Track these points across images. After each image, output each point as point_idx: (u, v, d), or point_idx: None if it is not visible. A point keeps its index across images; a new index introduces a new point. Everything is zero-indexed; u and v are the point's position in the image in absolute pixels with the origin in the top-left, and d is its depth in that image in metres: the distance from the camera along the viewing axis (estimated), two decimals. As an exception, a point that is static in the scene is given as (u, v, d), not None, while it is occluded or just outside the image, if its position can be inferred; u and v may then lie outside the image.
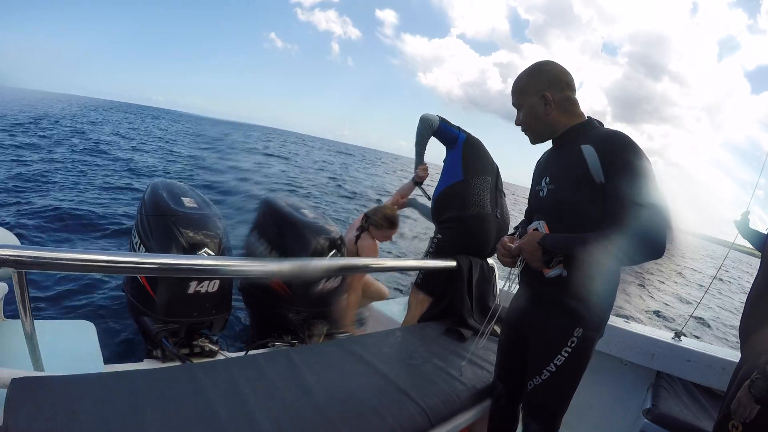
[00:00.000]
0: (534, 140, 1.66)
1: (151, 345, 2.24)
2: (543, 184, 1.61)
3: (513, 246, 1.57)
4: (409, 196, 3.43)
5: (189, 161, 15.71)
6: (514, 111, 1.67)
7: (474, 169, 2.74)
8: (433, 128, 2.79)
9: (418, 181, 3.21)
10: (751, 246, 2.43)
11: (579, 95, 1.59)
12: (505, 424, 1.91)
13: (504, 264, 1.67)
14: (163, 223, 2.19)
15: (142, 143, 19.47)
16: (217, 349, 2.29)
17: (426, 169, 3.11)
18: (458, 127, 2.86)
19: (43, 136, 15.74)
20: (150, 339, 2.21)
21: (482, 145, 2.86)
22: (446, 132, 2.81)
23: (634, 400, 2.59)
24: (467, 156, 2.77)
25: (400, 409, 1.55)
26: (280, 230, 2.59)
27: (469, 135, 2.84)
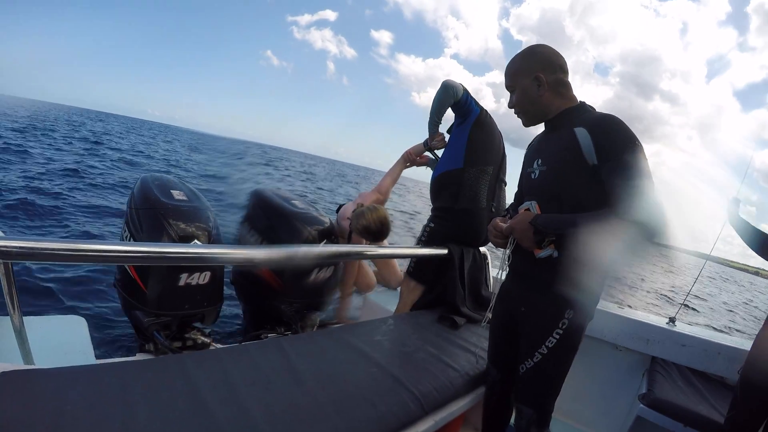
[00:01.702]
0: (527, 122, 1.65)
1: (143, 339, 2.23)
2: (535, 166, 1.60)
3: (505, 226, 1.56)
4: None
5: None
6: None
7: (476, 158, 2.64)
8: (456, 97, 2.57)
9: (431, 147, 2.97)
10: (740, 239, 2.38)
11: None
12: (500, 410, 1.91)
13: (495, 245, 1.67)
14: (152, 215, 2.17)
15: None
16: (209, 341, 2.28)
17: (443, 140, 2.87)
18: (476, 101, 2.68)
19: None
20: (142, 333, 2.20)
21: (492, 126, 2.71)
22: (466, 104, 2.62)
23: (629, 386, 2.60)
24: (473, 140, 2.63)
25: (393, 396, 1.54)
26: (270, 221, 2.57)
27: (482, 112, 2.66)
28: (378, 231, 2.62)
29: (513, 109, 1.66)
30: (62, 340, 1.89)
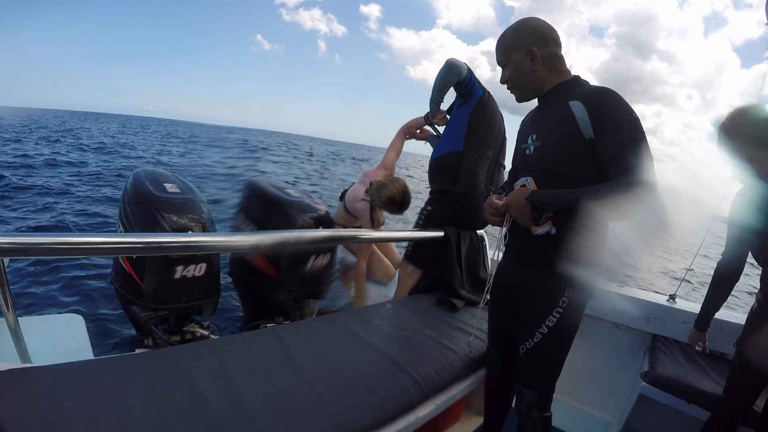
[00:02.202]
0: (521, 98, 1.62)
1: (141, 334, 2.24)
2: (529, 141, 1.57)
3: (501, 203, 1.51)
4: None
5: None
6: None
7: (476, 141, 2.59)
8: (460, 77, 2.51)
9: (432, 123, 2.91)
10: None
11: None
12: (501, 392, 1.89)
13: (491, 223, 1.62)
14: (145, 209, 2.16)
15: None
16: (208, 333, 2.27)
17: (445, 118, 2.81)
18: (479, 81, 2.62)
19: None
20: (140, 328, 2.20)
21: (494, 109, 2.65)
22: (469, 84, 2.56)
23: (631, 364, 2.60)
24: (474, 123, 2.58)
25: (393, 381, 1.53)
26: (265, 211, 2.57)
27: (484, 95, 2.60)
28: (402, 200, 2.78)
29: (506, 85, 1.62)
30: (60, 339, 1.88)
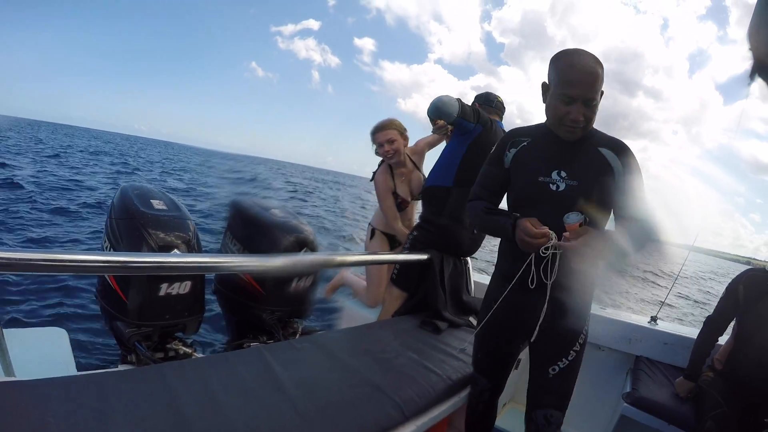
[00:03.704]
0: (578, 136, 1.54)
1: (125, 350, 2.21)
2: (555, 176, 1.54)
3: (568, 244, 1.37)
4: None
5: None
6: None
7: (467, 177, 2.39)
8: (447, 120, 2.49)
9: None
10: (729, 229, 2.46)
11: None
12: (486, 417, 1.91)
13: (530, 249, 1.48)
14: (132, 225, 2.16)
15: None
16: (191, 351, 2.26)
17: (445, 126, 2.73)
18: (477, 114, 2.49)
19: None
20: (123, 344, 2.18)
21: (493, 144, 2.38)
22: (461, 126, 2.49)
23: (613, 385, 2.62)
24: (468, 160, 2.50)
25: (374, 403, 1.54)
26: (249, 230, 2.58)
27: (483, 131, 2.50)
28: (379, 125, 2.83)
29: (574, 124, 1.48)
30: (44, 353, 1.88)
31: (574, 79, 1.44)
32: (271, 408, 1.38)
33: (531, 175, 1.58)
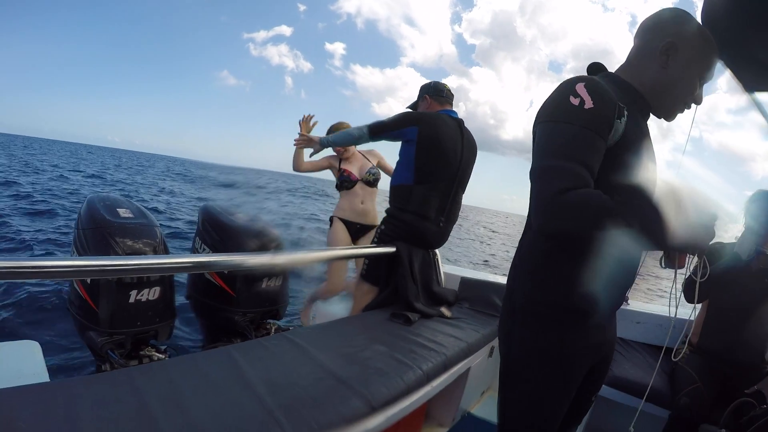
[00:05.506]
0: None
1: (98, 359, 2.23)
2: (651, 165, 1.23)
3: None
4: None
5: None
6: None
7: (425, 174, 2.54)
8: (360, 143, 2.77)
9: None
10: None
11: (530, 114, 1.59)
12: None
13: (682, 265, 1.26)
14: (99, 234, 2.18)
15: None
16: (165, 357, 2.28)
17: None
18: (404, 120, 2.55)
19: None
20: (97, 353, 2.20)
21: (442, 137, 2.53)
22: (389, 137, 2.61)
23: None
24: (420, 156, 2.53)
25: (340, 397, 1.55)
26: (218, 235, 2.62)
27: (421, 130, 2.50)
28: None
29: (690, 108, 1.28)
30: (15, 365, 1.87)
31: (714, 62, 1.21)
32: (239, 405, 1.40)
33: (637, 151, 1.17)
